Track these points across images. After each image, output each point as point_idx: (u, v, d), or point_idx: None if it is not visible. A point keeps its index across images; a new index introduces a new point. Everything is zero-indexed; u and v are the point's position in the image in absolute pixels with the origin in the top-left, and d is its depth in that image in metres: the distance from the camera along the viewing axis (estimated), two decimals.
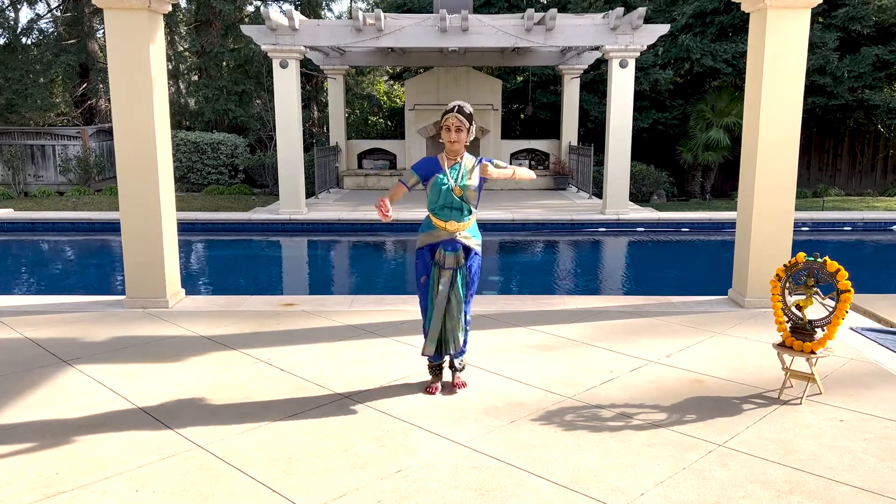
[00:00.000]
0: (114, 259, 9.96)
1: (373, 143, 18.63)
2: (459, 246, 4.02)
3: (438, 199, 3.99)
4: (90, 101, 21.02)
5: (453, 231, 4.01)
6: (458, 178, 4.00)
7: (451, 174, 4.01)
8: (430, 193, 4.02)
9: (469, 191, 4.00)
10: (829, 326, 3.94)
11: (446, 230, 4.01)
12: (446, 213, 4.00)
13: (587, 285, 9.02)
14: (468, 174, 4.02)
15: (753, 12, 5.97)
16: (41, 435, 3.59)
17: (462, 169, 4.03)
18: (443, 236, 4.02)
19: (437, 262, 4.02)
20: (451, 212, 4.00)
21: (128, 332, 5.41)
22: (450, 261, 4.01)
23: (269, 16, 11.31)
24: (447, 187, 3.97)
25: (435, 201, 4.01)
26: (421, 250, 4.11)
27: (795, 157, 5.94)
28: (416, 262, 4.17)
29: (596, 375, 4.41)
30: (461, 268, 4.04)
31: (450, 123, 3.97)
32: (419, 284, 4.15)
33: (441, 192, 3.97)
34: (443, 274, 4.00)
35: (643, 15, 11.37)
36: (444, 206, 3.99)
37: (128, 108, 5.87)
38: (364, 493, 3.03)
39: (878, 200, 15.05)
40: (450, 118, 3.97)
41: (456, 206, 3.99)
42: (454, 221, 4.01)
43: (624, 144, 12.06)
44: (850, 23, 15.84)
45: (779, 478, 3.14)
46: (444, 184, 3.98)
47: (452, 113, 3.97)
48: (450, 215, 4.01)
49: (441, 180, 3.99)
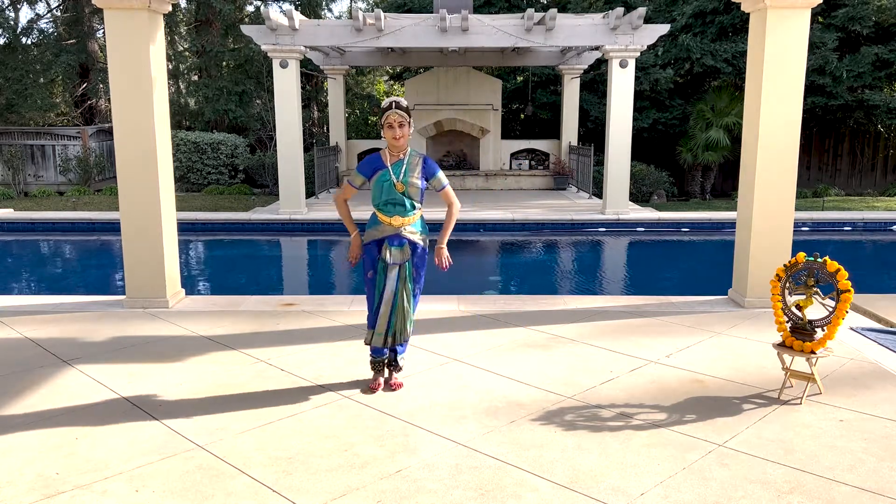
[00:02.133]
0: (114, 259, 9.96)
1: (373, 143, 18.61)
2: (405, 241, 4.09)
3: (381, 194, 4.06)
4: (90, 101, 21.02)
5: (398, 226, 4.07)
6: (400, 174, 4.05)
7: (394, 170, 4.06)
8: (374, 189, 4.10)
9: (412, 187, 4.05)
10: (829, 326, 3.94)
11: (391, 225, 4.07)
12: (390, 208, 4.07)
13: (587, 285, 9.02)
14: (411, 171, 4.07)
15: (753, 12, 5.97)
16: (41, 435, 3.59)
17: (405, 165, 4.08)
18: (388, 231, 4.08)
19: (383, 258, 4.07)
20: (395, 207, 4.06)
21: (128, 332, 5.41)
22: (396, 256, 4.07)
23: (269, 16, 11.31)
24: (389, 183, 4.04)
25: (378, 197, 4.08)
26: (367, 245, 4.18)
27: (795, 157, 5.94)
28: (363, 257, 4.23)
29: (596, 375, 4.41)
30: (407, 262, 4.09)
31: (392, 120, 4.00)
32: (366, 279, 4.22)
33: (384, 187, 4.05)
34: (390, 269, 4.06)
35: (643, 15, 11.37)
36: (387, 201, 4.06)
37: (128, 108, 5.87)
38: (364, 493, 3.03)
39: (878, 200, 15.05)
40: (390, 115, 4.00)
41: (399, 201, 4.05)
42: (398, 217, 4.07)
43: (624, 144, 12.06)
44: (849, 23, 15.84)
45: (779, 478, 3.14)
46: (387, 180, 4.04)
47: (391, 110, 4.00)
48: (394, 210, 4.06)
49: (384, 176, 4.05)
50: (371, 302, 4.20)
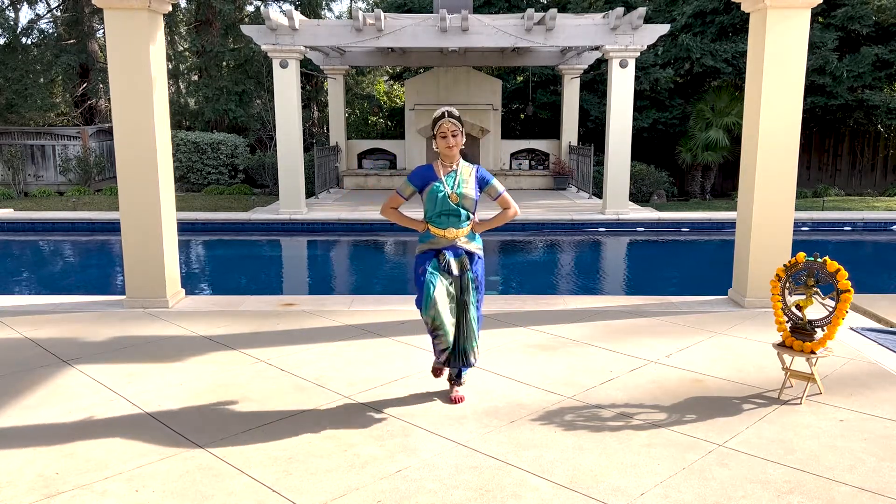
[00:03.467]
0: (114, 259, 9.96)
1: (373, 143, 18.63)
2: (461, 251, 3.98)
3: (435, 206, 3.92)
4: (90, 101, 21.02)
5: (452, 238, 3.96)
6: (454, 185, 3.93)
7: (448, 181, 3.93)
8: (427, 202, 3.96)
9: (466, 199, 3.92)
10: (829, 326, 3.94)
11: (445, 238, 3.96)
12: (444, 220, 3.94)
13: (587, 285, 9.02)
14: (465, 182, 3.95)
15: (753, 12, 5.97)
16: (41, 435, 3.59)
17: (458, 176, 3.95)
18: (442, 244, 3.97)
19: (442, 267, 3.93)
20: (449, 219, 3.94)
21: (128, 332, 5.41)
22: (454, 267, 3.94)
23: (269, 16, 11.31)
24: (443, 195, 3.90)
25: (432, 209, 3.95)
26: (422, 254, 4.02)
27: (795, 157, 5.94)
28: (416, 264, 4.06)
29: (596, 375, 4.41)
30: (467, 272, 3.97)
31: (445, 130, 3.88)
32: (417, 276, 4.01)
33: (437, 199, 3.90)
34: (451, 280, 3.92)
35: (643, 15, 11.37)
36: (441, 213, 3.93)
37: (128, 108, 5.87)
38: (364, 493, 3.03)
39: (878, 200, 15.05)
40: (444, 124, 3.87)
41: (453, 212, 3.93)
42: (452, 228, 3.95)
43: (624, 144, 12.06)
44: (849, 22, 15.84)
45: (779, 478, 3.14)
46: (441, 191, 3.90)
47: (445, 119, 3.88)
48: (448, 222, 3.95)
49: (437, 188, 3.91)
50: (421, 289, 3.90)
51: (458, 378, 4.10)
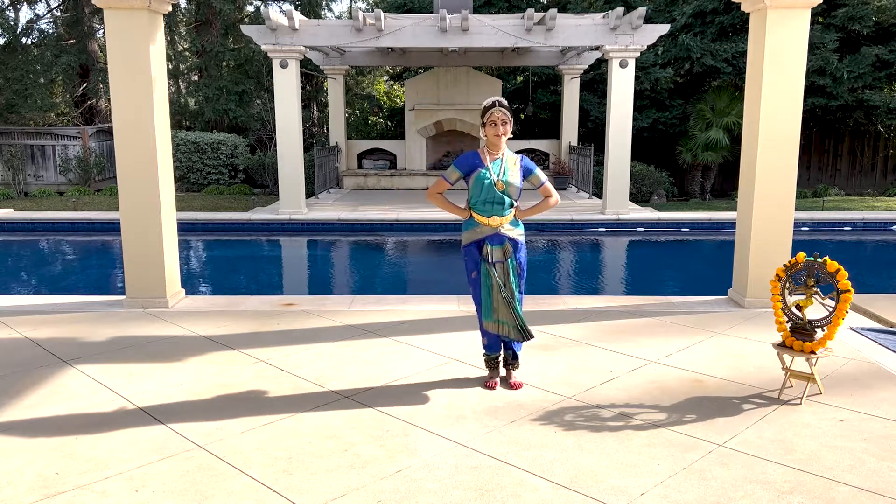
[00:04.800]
0: (114, 259, 9.96)
1: (373, 143, 18.63)
2: (505, 238, 4.09)
3: (481, 193, 4.05)
4: (90, 101, 21.01)
5: (496, 226, 4.08)
6: (500, 172, 4.06)
7: (494, 168, 4.06)
8: (473, 188, 4.08)
9: (511, 186, 4.05)
10: (829, 326, 3.94)
11: (489, 226, 4.08)
12: (488, 208, 4.07)
13: (587, 285, 9.02)
14: (510, 170, 4.08)
15: (753, 12, 5.97)
16: (41, 435, 3.59)
17: (504, 163, 4.09)
18: (486, 232, 4.09)
19: (485, 258, 4.06)
20: (493, 206, 4.06)
21: (128, 332, 5.41)
22: (497, 254, 4.07)
23: (269, 16, 11.31)
24: (490, 182, 4.03)
25: (477, 195, 4.07)
26: (467, 247, 4.18)
27: (795, 157, 5.94)
28: (464, 259, 4.24)
29: (596, 375, 4.41)
30: (510, 258, 4.09)
31: (496, 118, 4.03)
32: (470, 279, 4.23)
33: (483, 186, 4.03)
34: (495, 268, 4.06)
35: (643, 15, 11.37)
36: (485, 200, 4.05)
37: (128, 108, 5.87)
38: (364, 493, 3.03)
39: (878, 200, 15.05)
40: (494, 112, 4.03)
41: (497, 200, 4.05)
42: (496, 217, 4.07)
43: (624, 144, 12.06)
44: (849, 23, 15.84)
45: (779, 478, 3.14)
46: (487, 178, 4.04)
47: (496, 108, 4.03)
48: (492, 210, 4.07)
49: (483, 175, 4.05)
50: (478, 300, 4.21)
51: (515, 360, 4.28)
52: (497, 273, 4.06)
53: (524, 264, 4.22)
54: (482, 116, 4.11)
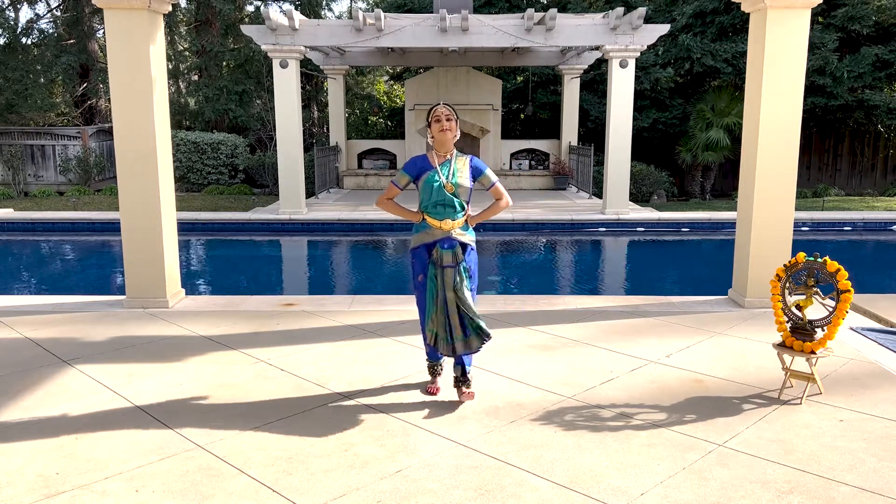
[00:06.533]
0: (114, 259, 9.96)
1: (373, 143, 18.63)
2: (456, 243, 3.95)
3: (431, 196, 3.93)
4: (90, 101, 21.02)
5: (448, 230, 3.94)
6: (448, 174, 3.94)
7: (442, 171, 3.95)
8: (422, 191, 3.96)
9: (461, 188, 3.94)
10: (830, 326, 3.94)
11: (441, 229, 3.94)
12: (440, 210, 3.94)
13: (587, 285, 9.02)
14: (459, 171, 3.97)
15: (753, 12, 5.97)
16: (41, 435, 3.59)
17: (453, 165, 3.98)
18: (438, 235, 3.95)
19: (435, 262, 3.92)
20: (445, 209, 3.94)
21: (128, 332, 5.41)
22: (447, 258, 3.91)
23: (269, 16, 11.31)
24: (439, 184, 3.91)
25: (427, 198, 3.95)
26: (416, 250, 4.04)
27: (795, 157, 5.94)
28: (412, 261, 4.10)
29: (596, 375, 4.41)
30: (461, 263, 3.93)
31: (439, 113, 3.94)
32: (416, 283, 4.09)
33: (433, 189, 3.91)
34: (445, 273, 3.89)
35: (643, 15, 11.37)
36: (436, 203, 3.93)
37: (128, 108, 5.88)
38: (364, 493, 3.03)
39: (878, 200, 15.05)
40: (438, 108, 3.95)
41: (448, 202, 3.93)
42: (448, 220, 3.94)
43: (624, 144, 12.06)
44: (849, 23, 15.84)
45: (779, 478, 3.14)
46: (436, 181, 3.92)
47: (440, 105, 3.97)
48: (444, 213, 3.94)
49: (432, 177, 3.93)
50: (422, 306, 4.05)
51: (465, 378, 4.05)
52: (446, 277, 3.89)
53: (475, 269, 4.07)
54: (427, 118, 4.03)
